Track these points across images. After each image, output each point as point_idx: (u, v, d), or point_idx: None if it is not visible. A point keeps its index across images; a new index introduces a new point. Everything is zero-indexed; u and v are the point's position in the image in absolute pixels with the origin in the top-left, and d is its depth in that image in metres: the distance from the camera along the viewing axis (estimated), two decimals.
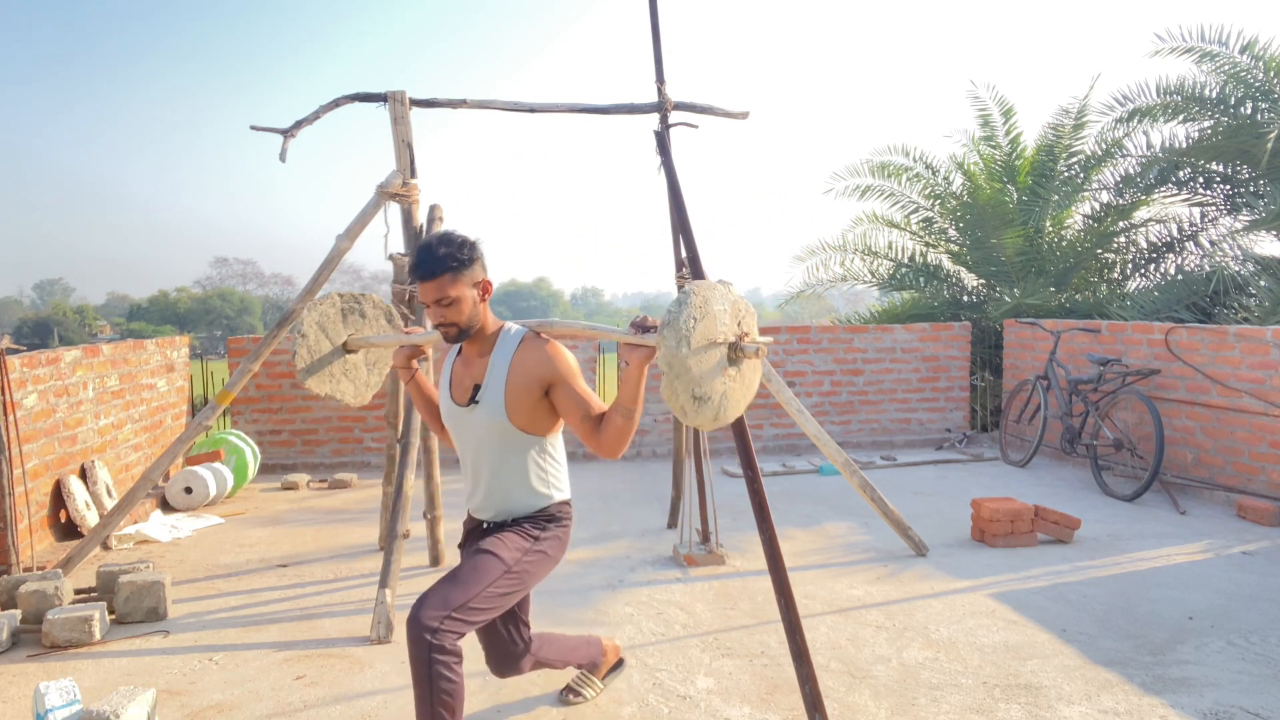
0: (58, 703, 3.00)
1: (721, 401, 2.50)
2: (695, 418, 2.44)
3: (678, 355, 2.34)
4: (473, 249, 2.59)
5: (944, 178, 10.40)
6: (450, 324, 2.60)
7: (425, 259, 2.54)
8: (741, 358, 2.53)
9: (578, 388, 2.60)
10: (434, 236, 2.61)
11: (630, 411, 2.48)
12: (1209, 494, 6.28)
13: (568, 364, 2.61)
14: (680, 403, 2.40)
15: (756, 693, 3.39)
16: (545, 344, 2.64)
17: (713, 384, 2.45)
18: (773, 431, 8.52)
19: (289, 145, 5.03)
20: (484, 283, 2.64)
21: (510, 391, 2.60)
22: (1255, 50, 8.51)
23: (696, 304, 2.38)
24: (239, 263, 74.95)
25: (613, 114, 5.21)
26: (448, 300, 2.56)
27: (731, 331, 2.51)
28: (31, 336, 50.59)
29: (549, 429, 2.69)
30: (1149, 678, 3.47)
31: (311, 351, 3.72)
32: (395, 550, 4.21)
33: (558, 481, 2.76)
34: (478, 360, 2.69)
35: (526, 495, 2.70)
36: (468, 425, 2.68)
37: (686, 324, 2.35)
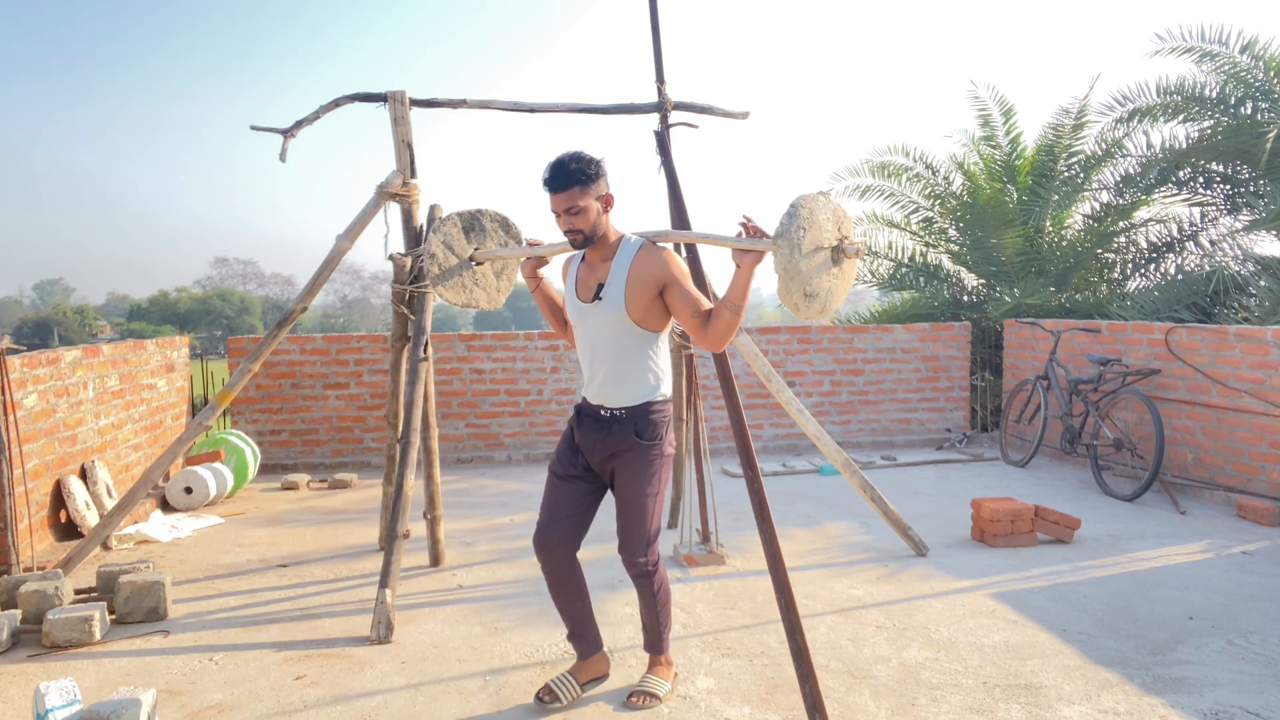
0: (58, 703, 3.00)
1: (828, 296, 2.84)
2: (806, 311, 2.79)
3: (791, 260, 2.68)
4: (599, 166, 2.95)
5: (944, 178, 10.40)
6: (577, 230, 2.95)
7: (558, 172, 2.90)
8: (843, 258, 2.87)
9: (689, 288, 2.96)
10: (566, 153, 2.95)
11: (738, 308, 2.83)
12: (1209, 494, 6.28)
13: (680, 268, 2.98)
14: (794, 300, 2.74)
15: (756, 693, 3.39)
16: (661, 251, 3.01)
17: (820, 281, 2.79)
18: (773, 431, 8.52)
19: (289, 145, 5.03)
20: (607, 196, 3.01)
21: (630, 290, 2.97)
22: (1255, 50, 8.51)
23: (804, 215, 2.70)
24: (239, 263, 75.00)
25: (613, 114, 5.21)
26: (576, 209, 2.92)
27: (834, 236, 2.83)
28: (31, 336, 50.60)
29: (660, 325, 3.07)
30: (1149, 678, 3.47)
31: (442, 267, 3.97)
32: (395, 550, 4.21)
33: (662, 377, 3.12)
34: (600, 265, 3.06)
35: (637, 384, 3.06)
36: (591, 320, 3.07)
37: (797, 234, 2.68)
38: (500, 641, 3.92)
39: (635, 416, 3.06)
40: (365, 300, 69.02)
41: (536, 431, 8.31)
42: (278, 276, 74.02)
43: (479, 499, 6.70)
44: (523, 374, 8.27)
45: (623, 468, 3.09)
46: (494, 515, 6.18)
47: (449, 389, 8.14)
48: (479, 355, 8.22)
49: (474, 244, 4.10)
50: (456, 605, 4.37)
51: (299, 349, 8.01)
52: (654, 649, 3.37)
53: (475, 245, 4.10)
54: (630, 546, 3.14)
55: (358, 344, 8.09)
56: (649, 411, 3.07)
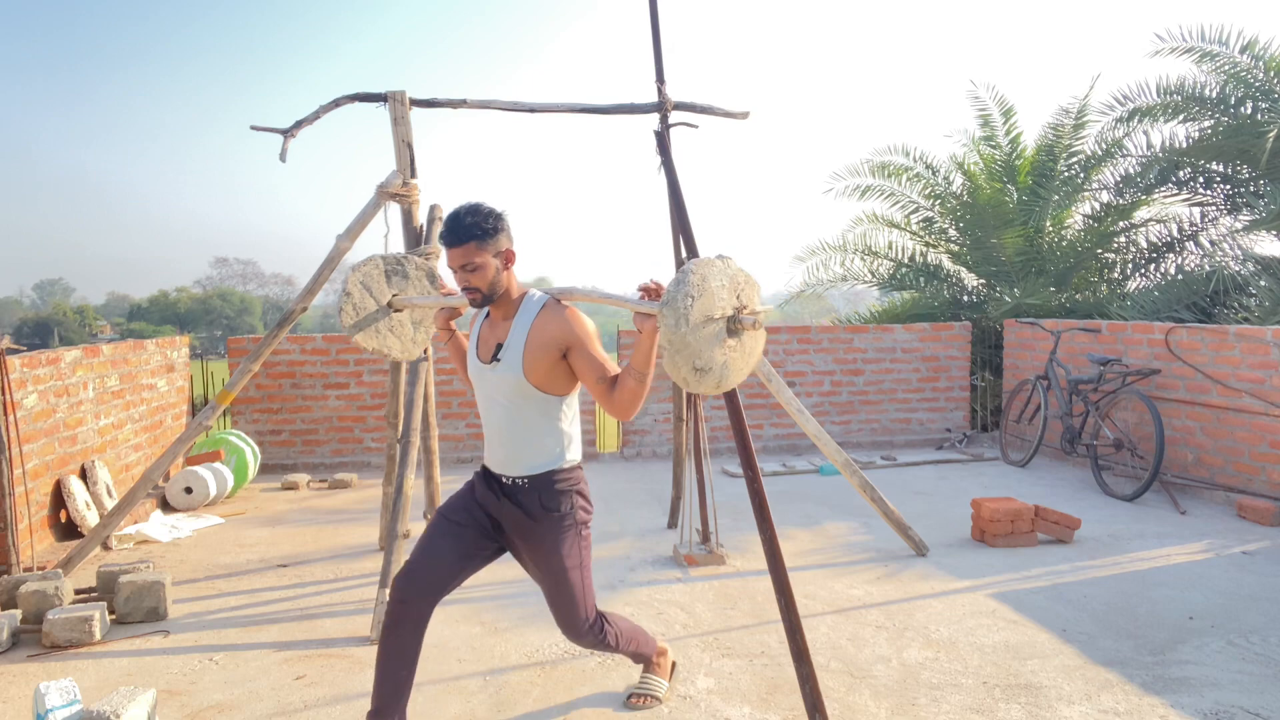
0: (58, 703, 3.00)
1: (723, 370, 2.62)
2: (698, 386, 2.58)
3: (677, 333, 2.46)
4: (498, 219, 2.75)
5: (944, 178, 10.40)
6: (474, 289, 2.76)
7: (453, 227, 2.70)
8: (741, 330, 2.64)
9: (594, 351, 2.74)
10: (463, 206, 2.75)
11: (642, 375, 2.63)
12: (1209, 494, 6.28)
13: (585, 329, 2.76)
14: (682, 374, 2.53)
15: (757, 693, 3.39)
16: (564, 309, 2.79)
17: (713, 355, 2.57)
18: (773, 431, 8.52)
19: (289, 145, 5.03)
20: (508, 251, 2.80)
21: (529, 352, 2.75)
22: (1255, 50, 8.51)
23: (694, 282, 2.48)
24: (239, 263, 75.04)
25: (613, 114, 5.21)
26: (472, 266, 2.72)
27: (730, 305, 2.61)
28: (32, 336, 50.59)
29: (564, 390, 2.83)
30: (1149, 678, 3.47)
31: (357, 309, 3.89)
32: (395, 550, 4.21)
33: (570, 443, 2.89)
34: (502, 323, 2.86)
35: (540, 452, 2.83)
36: (490, 382, 2.85)
37: (684, 303, 2.46)
38: (500, 641, 3.92)
39: (538, 487, 2.81)
40: None
41: None
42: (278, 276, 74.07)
43: None
44: None
45: (534, 547, 2.85)
46: None
47: (449, 389, 8.14)
48: None
49: (394, 289, 3.98)
50: (456, 605, 4.37)
51: (299, 349, 8.01)
52: (642, 662, 3.37)
53: (395, 291, 3.98)
54: (570, 628, 2.93)
55: None
56: (553, 481, 2.82)
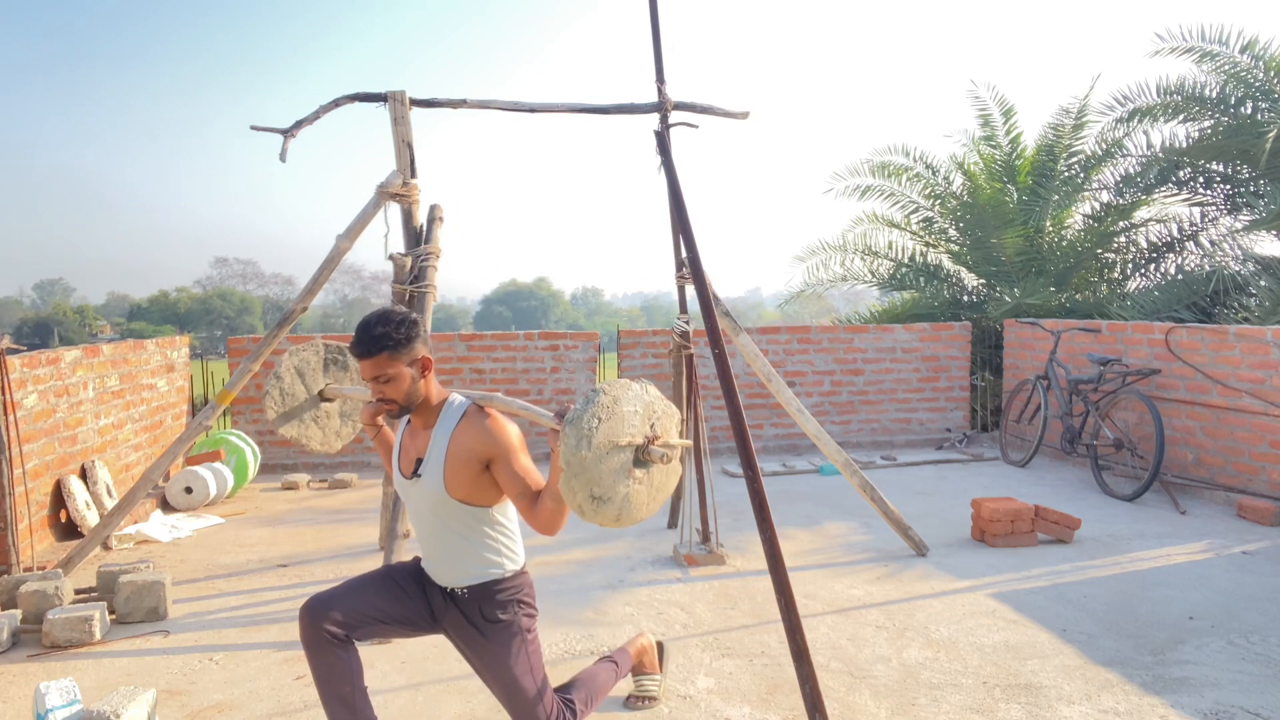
0: (58, 702, 3.00)
1: (624, 504, 2.42)
2: (593, 517, 2.38)
3: (576, 455, 2.29)
4: (411, 327, 2.60)
5: (944, 178, 10.40)
6: (390, 400, 2.61)
7: (362, 338, 2.56)
8: (650, 461, 2.46)
9: (516, 464, 2.57)
10: (373, 315, 2.62)
11: (559, 496, 2.43)
12: (1209, 494, 6.28)
13: (508, 439, 2.59)
14: (577, 501, 2.34)
15: (757, 693, 3.39)
16: (486, 419, 2.63)
17: (615, 486, 2.38)
18: (773, 431, 8.52)
19: (289, 145, 5.03)
20: (423, 359, 2.64)
21: (450, 466, 2.59)
22: (1255, 50, 8.51)
23: (604, 403, 2.34)
24: (239, 263, 75.03)
25: (613, 114, 5.21)
26: (385, 377, 2.57)
27: (641, 433, 2.44)
28: (32, 336, 50.59)
29: (493, 500, 2.67)
30: (1149, 678, 3.47)
31: (285, 395, 3.74)
32: (395, 550, 4.21)
33: (509, 551, 2.72)
34: (422, 432, 2.70)
35: (476, 565, 2.67)
36: (413, 496, 2.70)
37: (590, 424, 2.30)
38: None
39: (478, 598, 2.67)
40: (365, 300, 69.01)
41: (536, 431, 8.31)
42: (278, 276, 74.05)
43: None
44: (523, 374, 8.27)
45: (480, 655, 2.70)
46: None
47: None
48: (479, 355, 8.22)
49: (329, 379, 3.85)
50: None
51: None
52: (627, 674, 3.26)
53: (329, 381, 3.85)
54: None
55: None
56: (494, 592, 2.67)
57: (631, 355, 8.44)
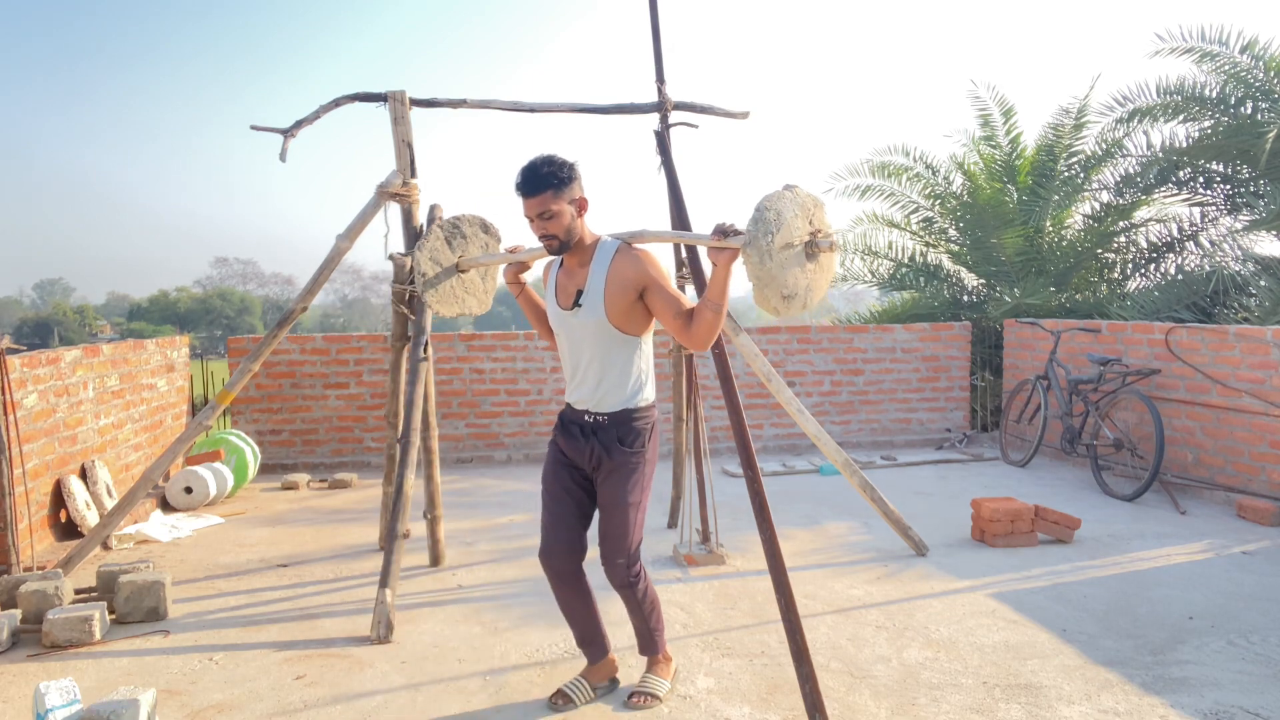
0: (58, 702, 3.00)
1: (806, 293, 2.78)
2: (786, 311, 2.73)
3: (763, 268, 2.60)
4: (572, 169, 2.88)
5: (944, 178, 10.40)
6: (552, 236, 2.89)
7: (530, 177, 2.83)
8: (818, 252, 2.78)
9: (669, 289, 2.91)
10: (538, 157, 2.87)
11: (719, 306, 2.79)
12: (1209, 494, 6.28)
13: (659, 269, 2.92)
14: (772, 304, 2.66)
15: (756, 693, 3.39)
16: (638, 253, 2.95)
17: (796, 280, 2.72)
18: (773, 431, 8.52)
19: (289, 145, 5.03)
20: (581, 200, 2.92)
21: (609, 294, 2.91)
22: (1255, 50, 8.51)
23: (770, 218, 2.62)
24: (239, 263, 75.12)
25: (613, 114, 5.21)
26: (549, 214, 2.84)
27: (805, 231, 2.74)
28: (31, 336, 50.60)
29: (642, 329, 3.01)
30: (1149, 678, 3.47)
31: (435, 286, 4.03)
32: (395, 550, 4.21)
33: (647, 381, 3.07)
34: (578, 270, 3.00)
35: (621, 389, 3.01)
36: (572, 327, 3.01)
37: (765, 239, 2.60)
38: (500, 641, 3.92)
39: (617, 423, 3.03)
40: (365, 300, 69.04)
41: (536, 431, 8.31)
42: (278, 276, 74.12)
43: (479, 499, 6.70)
44: (523, 374, 8.27)
45: (605, 475, 3.06)
46: (494, 515, 6.18)
47: (449, 389, 8.14)
48: (479, 355, 8.22)
49: (457, 252, 4.12)
50: (456, 605, 4.37)
51: (299, 349, 8.01)
52: (649, 650, 3.37)
53: (459, 253, 4.11)
54: (611, 556, 3.09)
55: (358, 344, 8.09)
56: (632, 418, 3.04)
57: None
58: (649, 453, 3.08)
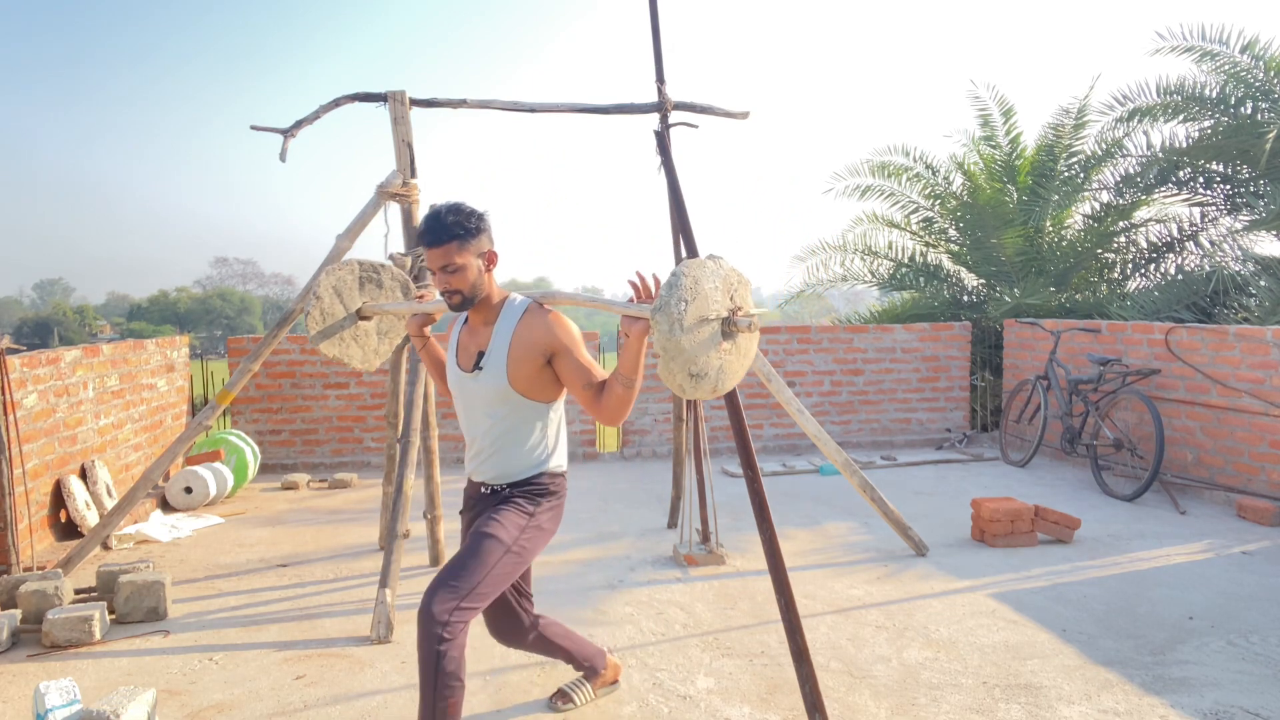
0: (58, 702, 3.00)
1: (718, 375, 2.54)
2: (694, 393, 2.49)
3: (671, 339, 2.36)
4: (480, 219, 2.66)
5: (944, 178, 10.40)
6: (455, 291, 2.66)
7: (433, 226, 2.61)
8: (736, 332, 2.56)
9: (579, 356, 2.66)
10: (443, 205, 2.66)
11: (630, 380, 2.54)
12: (1209, 494, 6.28)
13: (570, 333, 2.68)
14: (678, 381, 2.44)
15: (756, 693, 3.39)
16: (547, 314, 2.71)
17: (708, 360, 2.49)
18: (773, 431, 8.52)
19: (289, 145, 5.03)
20: (490, 253, 2.70)
21: (513, 358, 2.67)
22: (1255, 50, 8.51)
23: (687, 285, 2.40)
24: (239, 263, 75.19)
25: (613, 114, 5.21)
26: (453, 267, 2.62)
27: (724, 307, 2.53)
28: (31, 336, 50.59)
29: (550, 396, 2.76)
30: (1149, 678, 3.47)
31: (325, 314, 3.79)
32: (395, 550, 4.21)
33: (556, 450, 2.82)
34: (483, 329, 2.77)
35: (524, 460, 2.76)
36: (472, 390, 2.77)
37: (678, 307, 2.37)
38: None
39: (516, 490, 2.76)
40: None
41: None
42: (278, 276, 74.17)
43: None
44: None
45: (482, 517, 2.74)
46: None
47: None
48: None
49: (366, 297, 3.86)
50: None
51: (299, 349, 8.01)
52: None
53: (366, 299, 3.85)
54: (437, 592, 2.53)
55: None
56: (530, 483, 2.76)
57: None
58: (540, 513, 2.75)
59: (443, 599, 2.52)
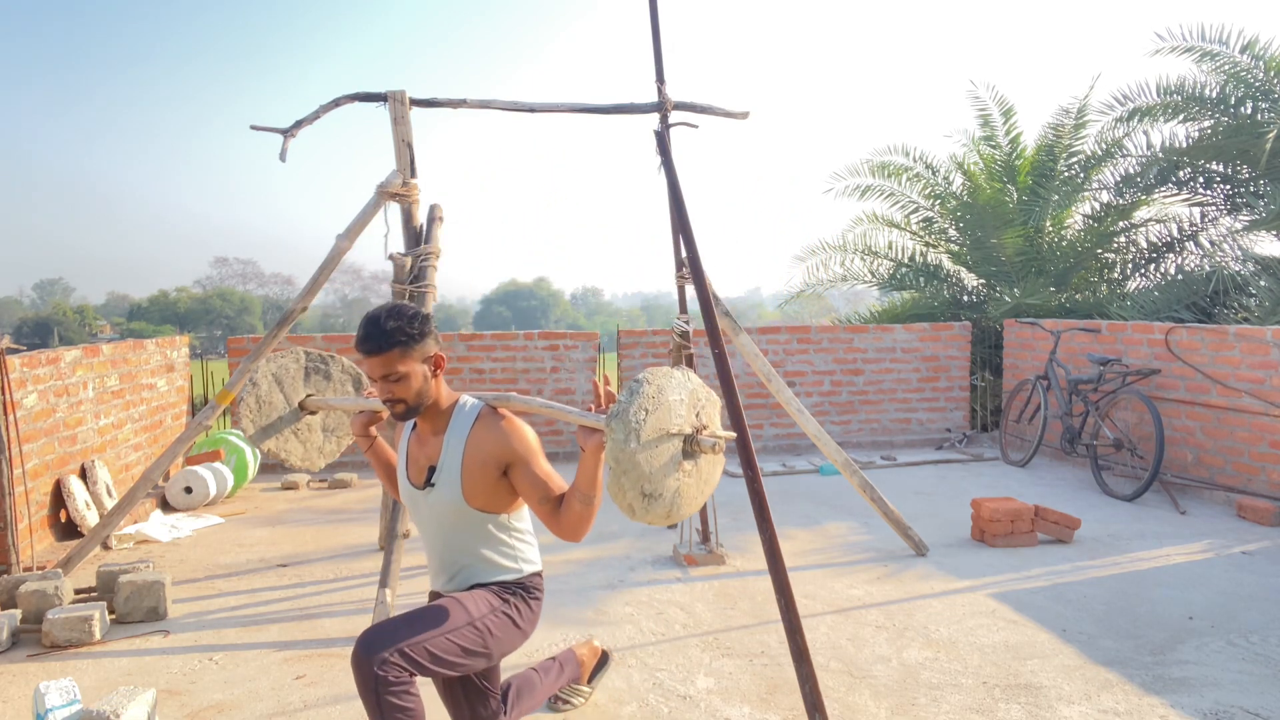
0: (58, 702, 3.00)
1: (674, 499, 2.29)
2: (644, 515, 2.24)
3: (625, 450, 2.13)
4: (424, 322, 2.45)
5: (944, 178, 10.40)
6: (399, 400, 2.44)
7: (372, 333, 2.38)
8: (699, 452, 2.35)
9: (536, 468, 2.44)
10: (382, 308, 2.44)
11: (589, 497, 2.34)
12: (1209, 494, 6.28)
13: (526, 443, 2.47)
14: (628, 499, 2.19)
15: (756, 693, 3.39)
16: (501, 420, 2.50)
17: (665, 480, 2.25)
18: (773, 431, 8.52)
19: (289, 145, 5.03)
20: (436, 357, 2.49)
21: (467, 472, 2.46)
22: (1255, 50, 8.51)
23: (649, 393, 2.20)
24: (239, 263, 75.24)
25: (613, 114, 5.21)
26: (395, 375, 2.40)
27: (688, 423, 2.33)
28: (31, 336, 50.59)
29: (510, 506, 2.55)
30: (1149, 678, 3.47)
31: (261, 403, 3.40)
32: (395, 550, 4.21)
33: (525, 555, 2.63)
34: (432, 438, 2.55)
35: (492, 573, 2.57)
36: (425, 507, 2.56)
37: (637, 416, 2.15)
38: None
39: None
40: (365, 300, 68.99)
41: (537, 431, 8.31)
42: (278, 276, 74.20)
43: None
44: (523, 374, 8.27)
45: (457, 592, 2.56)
46: None
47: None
48: (479, 355, 8.22)
49: (310, 389, 3.51)
50: None
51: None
52: None
53: (310, 391, 3.51)
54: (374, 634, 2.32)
55: None
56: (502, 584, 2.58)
57: (631, 355, 8.44)
58: (514, 604, 2.55)
59: (379, 641, 2.29)
